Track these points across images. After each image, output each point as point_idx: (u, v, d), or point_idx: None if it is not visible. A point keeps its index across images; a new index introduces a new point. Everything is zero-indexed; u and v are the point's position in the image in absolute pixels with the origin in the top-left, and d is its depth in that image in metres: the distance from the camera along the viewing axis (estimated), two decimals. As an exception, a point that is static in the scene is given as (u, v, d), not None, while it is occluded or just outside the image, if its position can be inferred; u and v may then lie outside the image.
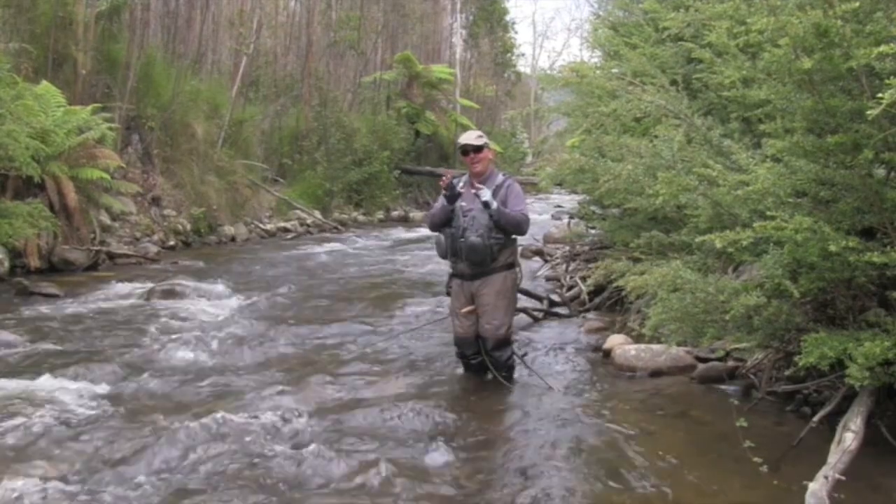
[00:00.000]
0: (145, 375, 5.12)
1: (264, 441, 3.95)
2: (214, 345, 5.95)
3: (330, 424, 4.22)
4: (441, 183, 5.02)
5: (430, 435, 4.15)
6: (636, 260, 5.53)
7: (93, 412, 4.39)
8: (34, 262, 9.14)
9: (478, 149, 5.00)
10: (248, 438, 3.97)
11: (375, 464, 3.68)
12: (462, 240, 4.93)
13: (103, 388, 4.83)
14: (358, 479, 3.52)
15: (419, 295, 8.58)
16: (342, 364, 5.55)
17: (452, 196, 4.99)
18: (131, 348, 5.83)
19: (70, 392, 4.69)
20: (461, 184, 5.11)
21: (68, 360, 5.42)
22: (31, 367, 5.26)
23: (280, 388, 4.89)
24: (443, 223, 5.10)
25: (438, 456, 3.86)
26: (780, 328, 4.18)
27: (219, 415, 4.24)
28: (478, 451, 3.95)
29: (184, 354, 5.70)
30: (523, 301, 7.22)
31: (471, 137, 5.08)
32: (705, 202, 4.34)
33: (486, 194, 4.86)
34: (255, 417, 4.22)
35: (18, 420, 4.16)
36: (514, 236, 5.07)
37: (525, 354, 5.77)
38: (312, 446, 3.88)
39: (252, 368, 5.41)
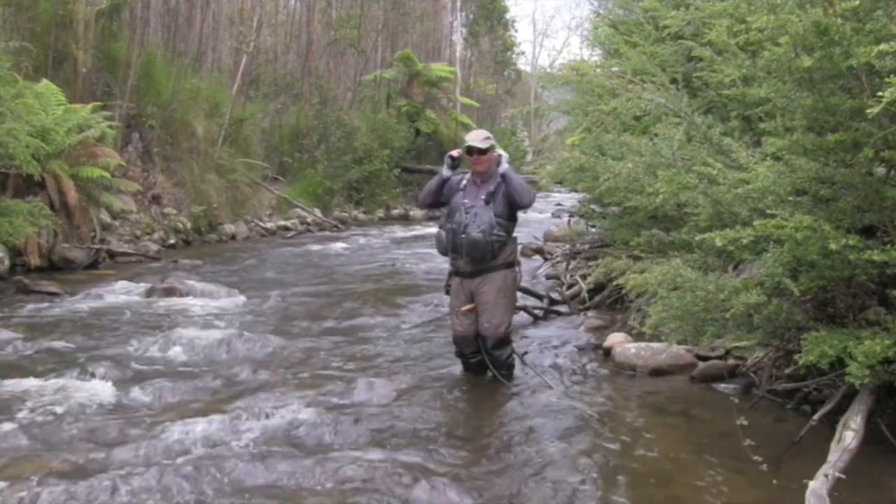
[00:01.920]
0: (146, 374, 5.12)
1: (264, 439, 3.95)
2: (215, 343, 5.94)
3: (328, 423, 4.21)
4: (454, 153, 5.13)
5: (429, 434, 4.15)
6: (636, 258, 5.53)
7: (93, 410, 4.39)
8: (34, 260, 9.14)
9: (482, 151, 5.00)
10: (248, 437, 3.97)
11: (374, 463, 3.68)
12: (463, 235, 4.93)
13: (104, 387, 4.82)
14: (356, 479, 3.51)
15: (419, 293, 8.58)
16: (341, 362, 5.55)
17: (454, 165, 5.12)
18: (132, 346, 5.83)
19: (70, 390, 4.69)
20: (464, 181, 5.12)
21: (68, 358, 5.42)
22: (31, 365, 5.27)
23: (279, 386, 4.90)
24: (433, 195, 5.17)
25: (437, 455, 3.86)
26: (780, 326, 4.18)
27: (219, 413, 4.25)
28: (477, 450, 3.96)
29: (184, 353, 5.70)
30: (523, 299, 7.22)
31: (478, 139, 5.05)
32: (705, 200, 4.33)
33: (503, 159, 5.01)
34: (255, 416, 4.23)
35: (19, 418, 4.17)
36: (514, 234, 5.07)
37: (525, 353, 5.78)
38: (311, 445, 3.89)
39: (252, 367, 5.41)
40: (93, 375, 5.01)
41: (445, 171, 5.11)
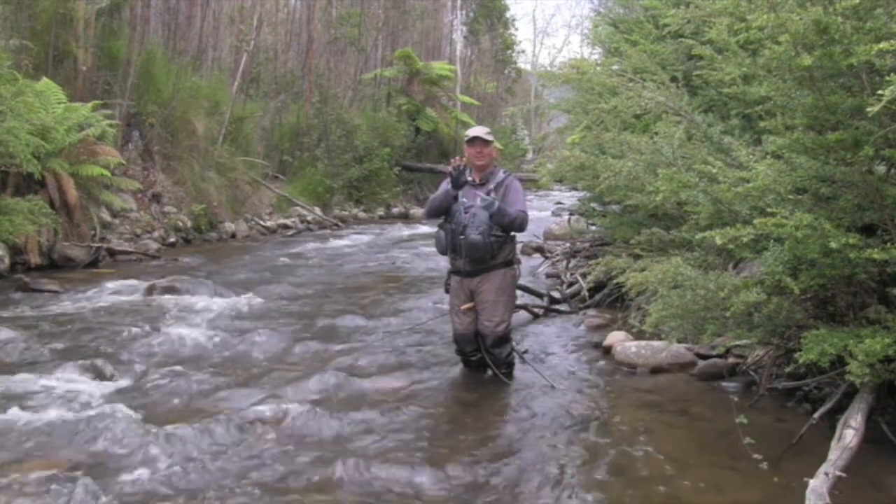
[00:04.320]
0: (145, 372, 5.13)
1: (264, 438, 3.96)
2: (215, 341, 5.95)
3: (328, 422, 4.22)
4: (451, 162, 5.04)
5: (428, 432, 4.15)
6: (636, 256, 5.54)
7: (93, 409, 4.38)
8: (35, 258, 9.14)
9: (486, 142, 5.03)
10: (247, 435, 3.98)
11: (374, 462, 3.69)
12: (462, 237, 4.93)
13: (104, 385, 4.83)
14: (356, 477, 3.52)
15: (419, 292, 8.58)
16: (341, 361, 5.55)
17: (457, 181, 5.00)
18: (132, 345, 5.83)
19: (70, 389, 4.69)
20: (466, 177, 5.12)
21: (68, 356, 5.42)
22: (31, 363, 5.27)
23: (280, 384, 4.90)
24: (441, 210, 5.11)
25: (436, 453, 3.86)
26: (780, 325, 4.18)
27: (219, 411, 4.26)
28: (477, 448, 3.96)
29: (184, 351, 5.71)
30: (524, 298, 7.22)
31: (481, 131, 5.13)
32: (706, 199, 4.33)
33: (485, 199, 4.84)
34: (255, 414, 4.23)
35: (18, 417, 4.16)
36: (513, 234, 5.07)
37: (525, 351, 5.78)
38: (311, 444, 3.89)
39: (252, 365, 5.42)
40: (93, 374, 5.01)
41: (452, 190, 5.04)
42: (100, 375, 4.99)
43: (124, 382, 4.92)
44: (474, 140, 5.04)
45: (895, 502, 3.42)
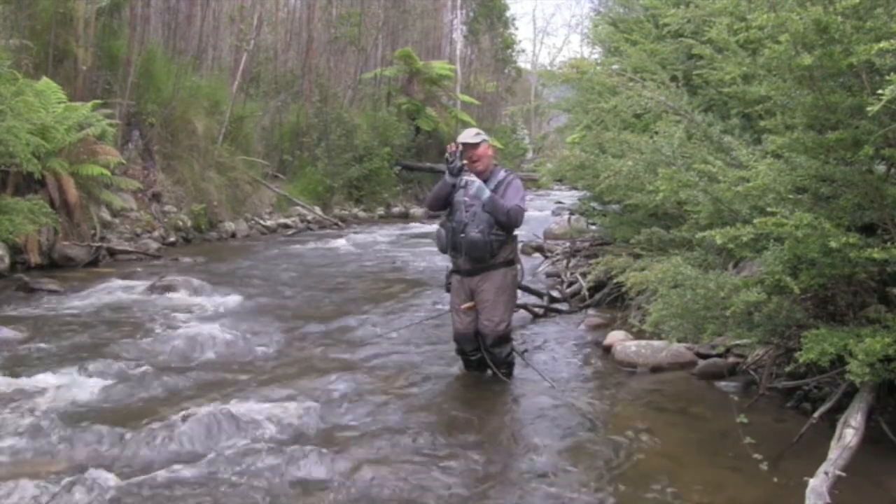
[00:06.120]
0: (146, 371, 5.12)
1: (263, 437, 3.96)
2: (215, 340, 5.94)
3: (328, 421, 4.22)
4: (448, 148, 4.99)
5: (428, 431, 4.15)
6: (637, 256, 5.54)
7: (93, 408, 4.39)
8: (35, 258, 9.15)
9: (474, 146, 4.98)
10: (247, 434, 3.98)
11: (373, 461, 3.69)
12: (462, 235, 4.93)
13: (104, 384, 4.82)
14: (356, 477, 3.52)
15: (419, 291, 8.58)
16: (341, 360, 5.55)
17: (454, 167, 4.95)
18: (132, 344, 5.83)
19: (70, 388, 4.69)
20: (465, 179, 5.09)
21: (69, 355, 5.43)
22: (31, 362, 5.27)
23: (279, 384, 4.90)
24: (441, 200, 5.09)
25: (437, 453, 3.86)
26: (780, 324, 4.18)
27: (219, 411, 4.25)
28: (476, 448, 3.96)
29: (184, 350, 5.70)
30: (524, 297, 7.22)
31: (468, 135, 5.04)
32: (706, 198, 4.33)
33: (475, 186, 4.85)
34: (255, 413, 4.22)
35: (19, 416, 4.16)
36: (514, 233, 5.07)
37: (525, 351, 5.78)
38: (311, 443, 3.89)
39: (252, 364, 5.42)
40: (93, 373, 5.01)
41: (449, 178, 5.02)
42: (99, 375, 4.99)
43: (124, 381, 4.91)
44: (463, 146, 5.01)
45: (895, 502, 3.42)
